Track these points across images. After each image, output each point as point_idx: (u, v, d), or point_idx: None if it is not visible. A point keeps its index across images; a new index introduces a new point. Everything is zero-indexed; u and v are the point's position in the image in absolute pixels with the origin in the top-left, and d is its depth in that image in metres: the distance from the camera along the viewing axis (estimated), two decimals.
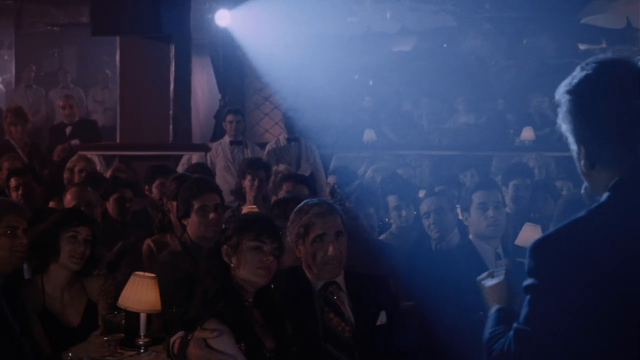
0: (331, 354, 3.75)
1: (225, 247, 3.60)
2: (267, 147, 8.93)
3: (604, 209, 1.99)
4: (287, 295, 3.77)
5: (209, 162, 8.60)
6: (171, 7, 8.47)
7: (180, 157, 8.72)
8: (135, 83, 8.83)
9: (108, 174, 7.87)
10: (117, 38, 8.96)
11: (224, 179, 8.29)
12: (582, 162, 2.04)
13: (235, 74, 11.28)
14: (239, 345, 3.45)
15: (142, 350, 3.99)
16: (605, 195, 1.99)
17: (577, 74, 2.06)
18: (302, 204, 3.91)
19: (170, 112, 8.81)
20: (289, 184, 5.69)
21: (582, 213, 2.01)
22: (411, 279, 5.09)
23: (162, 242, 5.28)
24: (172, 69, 8.83)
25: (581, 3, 12.65)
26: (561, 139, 8.26)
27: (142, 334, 4.02)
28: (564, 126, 2.08)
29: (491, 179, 5.02)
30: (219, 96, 10.83)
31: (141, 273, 4.07)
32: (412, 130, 11.35)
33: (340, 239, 3.81)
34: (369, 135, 10.35)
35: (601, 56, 2.07)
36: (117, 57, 9.01)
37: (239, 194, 7.24)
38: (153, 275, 4.08)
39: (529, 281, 2.00)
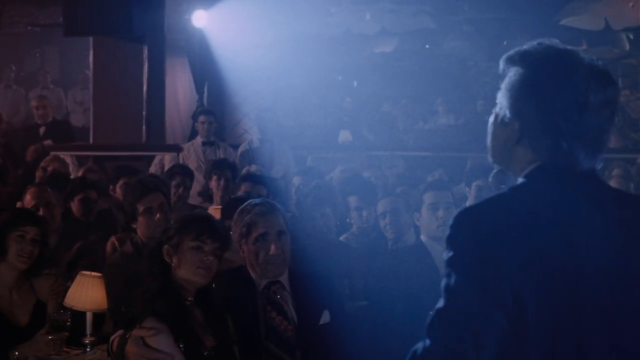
0: (273, 353, 3.78)
1: (166, 246, 3.64)
2: (240, 149, 8.95)
3: (524, 189, 1.98)
4: (230, 294, 3.80)
5: (181, 162, 8.63)
6: (143, 8, 8.48)
7: (153, 157, 8.75)
8: (108, 84, 8.85)
9: (79, 174, 7.90)
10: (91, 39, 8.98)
11: (196, 180, 8.30)
12: (510, 135, 2.01)
13: (214, 75, 11.31)
14: (178, 344, 3.48)
15: (88, 349, 4.01)
16: (525, 177, 1.99)
17: (533, 50, 2.04)
18: (245, 204, 3.95)
19: (143, 112, 8.82)
20: (247, 184, 5.72)
21: (504, 190, 2.01)
22: (367, 278, 5.14)
23: (126, 240, 5.32)
24: (145, 69, 8.85)
25: (559, 4, 12.70)
26: None
27: (88, 333, 4.05)
28: (502, 96, 2.05)
29: (442, 180, 5.06)
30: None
31: (87, 272, 4.09)
32: (389, 131, 11.39)
33: (283, 238, 3.84)
34: (344, 136, 10.39)
35: (553, 41, 2.07)
36: (90, 58, 9.03)
37: (207, 195, 7.27)
38: (99, 274, 4.11)
39: (448, 254, 1.97)
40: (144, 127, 8.82)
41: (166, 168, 8.46)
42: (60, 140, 9.26)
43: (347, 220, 5.89)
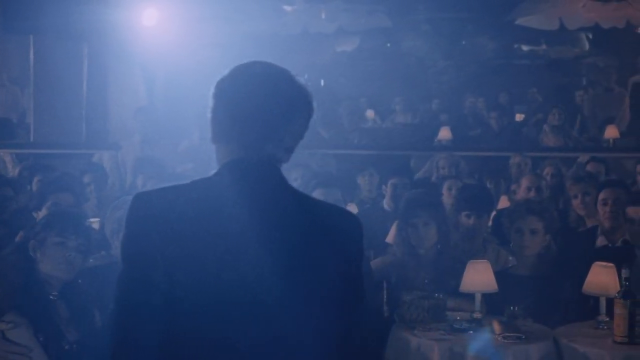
0: None
1: (32, 241, 3.72)
2: (181, 147, 9.01)
3: (205, 182, 2.06)
4: (99, 289, 3.86)
5: (120, 160, 8.69)
6: (83, 7, 8.53)
7: (92, 155, 8.80)
8: (48, 82, 8.89)
9: (17, 172, 7.96)
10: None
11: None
12: (210, 128, 2.12)
13: (167, 74, 11.35)
14: (37, 338, 3.55)
15: None
16: (213, 172, 2.08)
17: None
18: (117, 200, 4.02)
19: (83, 111, 8.88)
20: (153, 181, 5.79)
21: (187, 181, 2.07)
22: None
23: None
24: (85, 68, 8.90)
25: (511, 4, 12.78)
26: (480, 139, 8.29)
27: None
28: None
29: (332, 177, 5.10)
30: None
31: None
32: (338, 129, 11.43)
33: None
34: None
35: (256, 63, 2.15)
36: (31, 56, 9.07)
37: None
38: None
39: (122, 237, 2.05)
40: (83, 125, 8.86)
41: (105, 166, 8.53)
42: (1, 138, 9.32)
43: None
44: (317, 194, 4.74)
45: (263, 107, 2.05)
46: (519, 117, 13.09)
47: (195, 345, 1.92)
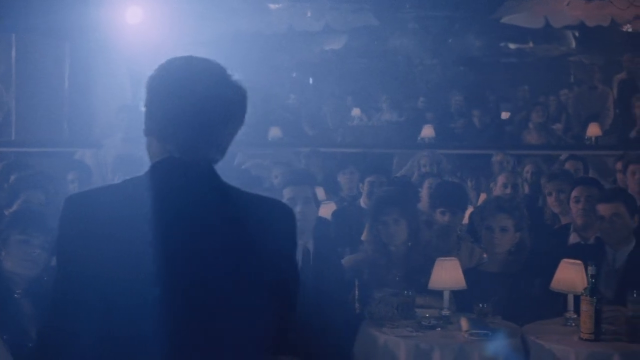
0: None
1: None
2: None
3: (136, 181, 2.06)
4: None
5: (102, 158, 8.69)
6: (65, 5, 8.53)
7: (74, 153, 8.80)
8: (30, 80, 8.90)
9: None
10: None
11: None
12: (144, 126, 2.11)
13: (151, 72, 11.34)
14: (1, 336, 3.55)
15: None
16: (145, 171, 2.08)
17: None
18: None
19: (65, 109, 8.88)
20: (120, 175, 5.81)
21: (119, 181, 2.09)
22: None
23: None
24: (67, 66, 8.90)
25: (497, 2, 12.80)
26: (463, 137, 8.25)
27: None
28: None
29: (303, 175, 5.10)
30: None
31: None
32: (323, 127, 11.46)
33: None
34: (274, 132, 10.46)
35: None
36: (13, 54, 9.07)
37: None
38: None
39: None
40: (65, 123, 8.87)
41: (87, 163, 8.53)
42: None
43: None
44: (287, 192, 4.74)
45: (200, 110, 2.04)
46: (504, 115, 13.12)
47: (130, 343, 1.94)
